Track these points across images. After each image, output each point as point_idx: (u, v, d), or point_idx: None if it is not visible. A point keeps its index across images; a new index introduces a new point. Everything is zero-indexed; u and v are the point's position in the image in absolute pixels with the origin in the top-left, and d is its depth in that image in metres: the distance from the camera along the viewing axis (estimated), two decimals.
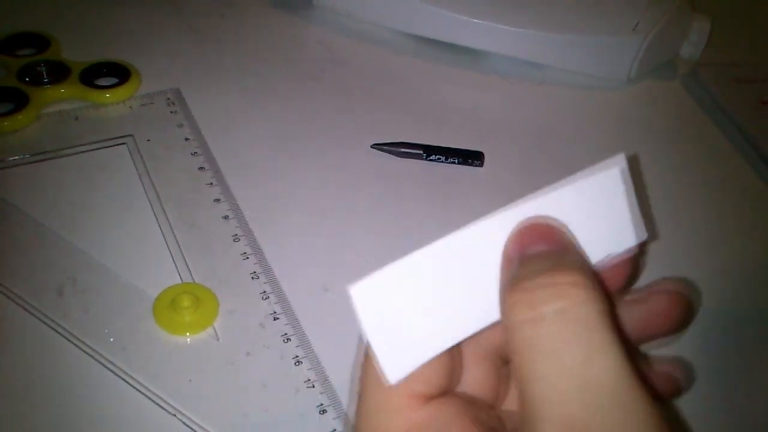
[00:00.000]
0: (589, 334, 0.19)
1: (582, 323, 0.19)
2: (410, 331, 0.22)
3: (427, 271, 0.22)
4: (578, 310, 0.19)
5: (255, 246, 0.41)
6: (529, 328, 0.19)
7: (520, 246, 0.21)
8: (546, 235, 0.21)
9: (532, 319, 0.19)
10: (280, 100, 0.52)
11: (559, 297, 0.19)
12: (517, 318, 0.20)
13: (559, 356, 0.18)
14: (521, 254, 0.21)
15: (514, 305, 0.20)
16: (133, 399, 0.34)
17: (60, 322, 0.36)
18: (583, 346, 0.18)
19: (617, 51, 0.56)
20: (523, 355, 0.19)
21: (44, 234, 0.40)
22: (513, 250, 0.21)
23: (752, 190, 0.51)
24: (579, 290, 0.19)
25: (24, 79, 0.48)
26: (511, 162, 0.50)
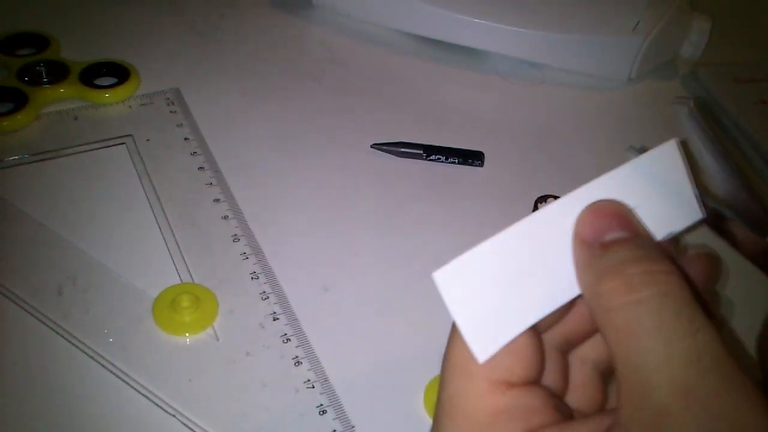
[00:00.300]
0: (690, 313, 0.21)
1: (683, 304, 0.21)
2: (492, 312, 0.23)
3: (503, 256, 0.23)
4: (678, 293, 0.21)
5: (255, 246, 0.41)
6: (632, 308, 0.21)
7: (595, 231, 0.23)
8: (620, 219, 0.23)
9: (634, 301, 0.21)
10: (279, 99, 0.52)
11: (656, 282, 0.21)
12: (617, 300, 0.21)
13: (666, 331, 0.20)
14: (598, 239, 0.23)
15: (612, 289, 0.21)
16: (133, 399, 0.34)
17: (59, 322, 0.36)
18: (686, 323, 0.20)
19: (617, 51, 0.56)
20: (625, 333, 0.21)
21: (44, 234, 0.40)
22: (590, 234, 0.23)
23: None
24: (672, 277, 0.21)
25: (23, 79, 0.48)
26: (512, 162, 0.50)
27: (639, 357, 0.20)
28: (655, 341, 0.20)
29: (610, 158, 0.52)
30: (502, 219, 0.45)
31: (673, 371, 0.20)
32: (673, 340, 0.20)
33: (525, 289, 0.23)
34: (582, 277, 0.23)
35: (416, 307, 0.40)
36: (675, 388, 0.20)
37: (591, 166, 0.50)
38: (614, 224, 0.23)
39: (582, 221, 0.23)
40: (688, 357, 0.20)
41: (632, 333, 0.21)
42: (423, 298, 0.40)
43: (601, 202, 0.24)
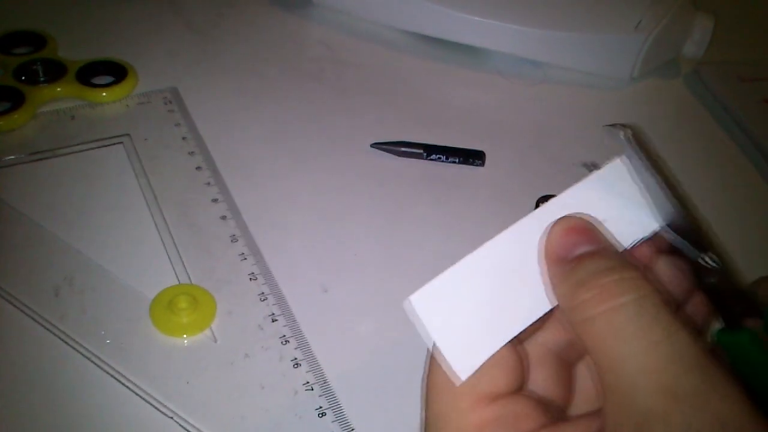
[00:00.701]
0: (666, 316, 0.21)
1: (658, 308, 0.21)
2: (469, 330, 0.24)
3: (476, 275, 0.24)
4: (653, 298, 0.22)
5: (253, 246, 0.40)
6: (609, 316, 0.22)
7: (565, 246, 0.24)
8: (587, 234, 0.24)
9: (610, 309, 0.22)
10: (279, 99, 0.51)
11: (632, 288, 0.22)
12: (594, 310, 0.22)
13: (645, 336, 0.21)
14: (569, 254, 0.24)
15: (589, 300, 0.22)
16: (130, 401, 0.33)
17: (56, 323, 0.36)
18: (664, 327, 0.21)
19: (620, 49, 0.55)
20: (605, 340, 0.21)
21: (40, 234, 0.39)
22: (559, 250, 0.24)
23: (755, 189, 0.51)
24: (647, 283, 0.22)
25: (20, 78, 0.48)
26: (512, 161, 0.49)
27: (622, 362, 0.21)
28: (636, 346, 0.21)
29: (612, 158, 0.51)
30: (502, 219, 0.45)
31: (657, 373, 0.20)
32: (654, 344, 0.21)
33: (500, 306, 0.24)
34: (556, 291, 0.24)
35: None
36: (660, 389, 0.20)
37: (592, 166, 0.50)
38: (583, 238, 0.24)
39: (551, 238, 0.24)
40: (669, 358, 0.21)
41: (613, 339, 0.21)
42: None
43: (568, 218, 0.25)
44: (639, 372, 0.21)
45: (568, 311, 0.23)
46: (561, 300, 0.24)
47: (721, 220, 0.48)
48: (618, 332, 0.21)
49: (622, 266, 0.23)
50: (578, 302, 0.22)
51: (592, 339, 0.22)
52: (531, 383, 0.25)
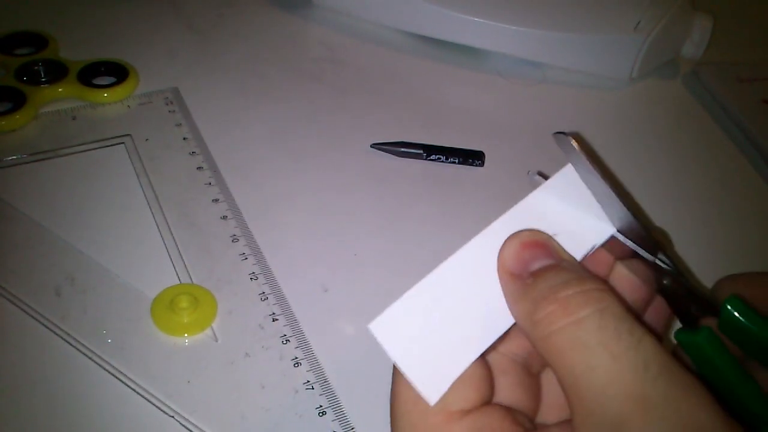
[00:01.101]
0: (629, 326, 0.21)
1: (620, 318, 0.21)
2: (434, 353, 0.24)
3: (434, 297, 0.24)
4: (614, 309, 0.22)
5: (254, 246, 0.41)
6: (571, 329, 0.22)
7: (521, 262, 0.24)
8: (542, 248, 0.24)
9: (572, 323, 0.22)
10: (279, 99, 0.52)
11: (593, 301, 0.22)
12: (555, 325, 0.22)
13: (609, 346, 0.21)
14: (526, 270, 0.24)
15: (550, 315, 0.22)
16: (131, 400, 0.33)
17: (58, 322, 0.36)
18: (627, 336, 0.21)
19: (619, 50, 0.55)
20: (569, 353, 0.21)
21: (42, 234, 0.40)
22: (516, 266, 0.24)
23: (754, 189, 0.51)
24: (606, 294, 0.22)
25: (22, 79, 0.48)
26: (512, 162, 0.49)
27: (587, 374, 0.21)
28: (601, 357, 0.21)
29: (612, 158, 0.51)
30: None
31: (625, 383, 0.20)
32: (619, 354, 0.21)
33: (463, 325, 0.24)
34: (515, 307, 0.24)
35: None
36: (629, 397, 0.20)
37: None
38: (538, 253, 0.24)
39: (506, 254, 0.24)
40: (635, 367, 0.21)
41: (576, 352, 0.21)
42: None
43: (521, 233, 0.25)
44: (606, 382, 0.21)
45: (528, 328, 0.23)
46: (520, 317, 0.24)
47: (720, 220, 0.48)
48: (581, 345, 0.21)
49: (581, 279, 0.23)
50: (538, 318, 0.22)
51: (555, 354, 0.22)
52: (498, 393, 0.25)
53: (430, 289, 0.24)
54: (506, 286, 0.24)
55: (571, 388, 0.21)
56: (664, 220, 0.47)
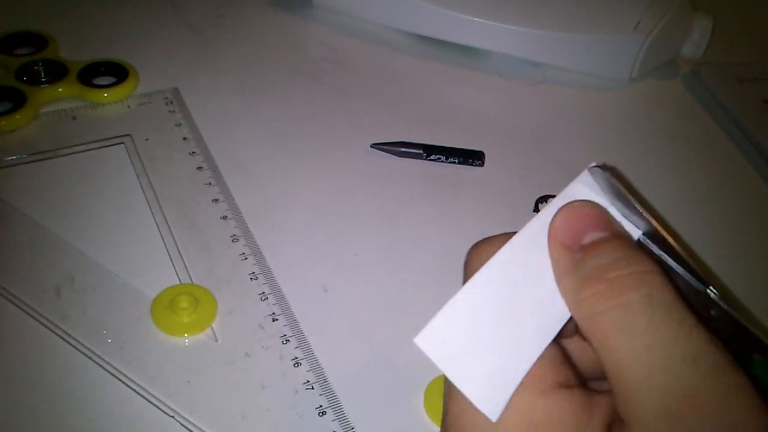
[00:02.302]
0: (679, 314, 0.20)
1: (670, 305, 0.21)
2: (490, 361, 0.22)
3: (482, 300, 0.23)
4: (662, 294, 0.21)
5: (254, 246, 0.41)
6: (618, 312, 0.21)
7: (573, 232, 0.23)
8: (597, 219, 0.23)
9: (618, 305, 0.21)
10: (279, 99, 0.52)
11: (641, 284, 0.21)
12: (601, 306, 0.21)
13: (658, 333, 0.20)
14: (577, 242, 0.23)
15: (596, 294, 0.21)
16: (131, 400, 0.33)
17: (57, 322, 0.36)
18: (676, 325, 0.20)
19: (619, 50, 0.55)
20: (614, 336, 0.21)
21: (42, 234, 0.40)
22: (567, 236, 0.23)
23: (754, 189, 0.51)
24: (656, 276, 0.21)
25: (22, 79, 0.48)
26: (512, 162, 0.49)
27: (632, 360, 0.20)
28: (647, 344, 0.20)
29: (612, 158, 0.51)
30: (502, 219, 0.45)
31: (673, 374, 0.20)
32: (667, 343, 0.20)
33: (515, 328, 0.22)
34: (562, 282, 0.23)
35: (416, 307, 0.39)
36: (677, 391, 0.20)
37: None
38: (591, 224, 0.23)
39: (557, 224, 0.23)
40: (684, 360, 0.20)
41: (622, 336, 0.20)
42: (423, 298, 0.40)
43: (576, 203, 0.23)
44: (653, 371, 0.20)
45: (573, 305, 0.22)
46: (565, 292, 0.23)
47: (719, 219, 0.48)
48: (628, 329, 0.20)
49: (631, 258, 0.22)
50: (584, 297, 0.22)
51: (598, 335, 0.21)
52: None
53: (475, 292, 0.23)
54: (555, 257, 0.23)
55: (614, 371, 0.21)
56: (664, 219, 0.47)
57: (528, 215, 0.45)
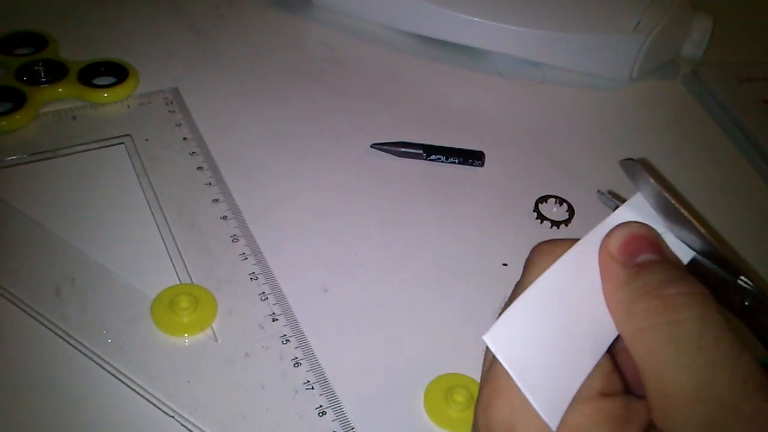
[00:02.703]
0: (730, 337, 0.21)
1: (721, 328, 0.21)
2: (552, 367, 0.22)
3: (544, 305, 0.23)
4: (716, 316, 0.22)
5: (254, 246, 0.41)
6: (670, 328, 0.21)
7: (628, 251, 0.24)
8: (651, 242, 0.24)
9: (673, 321, 0.21)
10: (279, 99, 0.52)
11: (695, 303, 0.22)
12: (653, 320, 0.22)
13: (708, 352, 0.21)
14: (631, 260, 0.23)
15: (649, 309, 0.22)
16: (131, 400, 0.33)
17: (58, 322, 0.36)
18: (727, 346, 0.21)
19: (618, 50, 0.55)
20: (662, 350, 0.21)
21: (42, 234, 0.40)
22: (622, 253, 0.24)
23: (754, 189, 0.51)
24: (710, 299, 0.22)
25: (22, 79, 0.48)
26: (512, 162, 0.49)
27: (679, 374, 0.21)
28: (697, 360, 0.21)
29: (612, 158, 0.51)
30: (502, 219, 0.45)
31: (720, 390, 0.21)
32: (716, 361, 0.21)
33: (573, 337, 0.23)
34: (612, 295, 0.23)
35: (416, 307, 0.39)
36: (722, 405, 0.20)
37: (592, 166, 0.50)
38: (646, 246, 0.24)
39: (613, 241, 0.24)
40: (733, 378, 0.21)
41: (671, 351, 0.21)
42: (423, 298, 0.40)
43: (632, 224, 0.24)
44: (700, 385, 0.21)
45: (621, 318, 0.23)
46: (614, 306, 0.23)
47: (719, 219, 0.48)
48: (679, 344, 0.21)
49: (685, 280, 0.22)
50: (636, 310, 0.22)
51: (644, 348, 0.22)
52: None
53: (541, 296, 0.23)
54: (607, 272, 0.24)
55: (656, 384, 0.21)
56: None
57: (528, 215, 0.45)
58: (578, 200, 0.46)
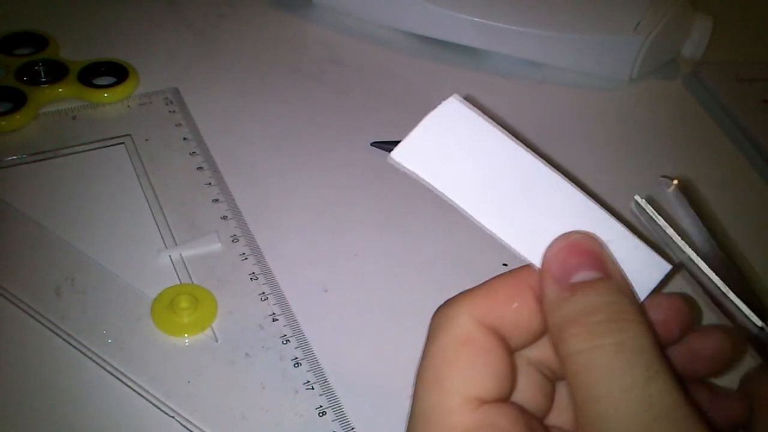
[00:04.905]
0: (646, 360, 0.21)
1: (638, 352, 0.22)
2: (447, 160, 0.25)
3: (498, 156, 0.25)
4: (634, 341, 0.22)
5: (254, 246, 0.41)
6: (590, 353, 0.22)
7: (564, 269, 0.23)
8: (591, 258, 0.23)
9: (593, 347, 0.22)
10: (279, 99, 0.52)
11: (618, 331, 0.22)
12: (578, 347, 0.22)
13: (619, 378, 0.21)
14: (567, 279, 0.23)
15: (574, 336, 0.22)
16: (132, 400, 0.33)
17: (58, 322, 0.36)
18: (641, 371, 0.21)
19: (619, 50, 0.55)
20: (584, 377, 0.22)
21: (42, 234, 0.40)
22: (558, 271, 0.23)
23: (754, 190, 0.51)
24: (633, 325, 0.22)
25: (22, 79, 0.48)
26: None
27: (596, 401, 0.21)
28: (610, 387, 0.21)
29: (611, 158, 0.51)
30: None
31: (629, 417, 0.21)
32: (627, 387, 0.21)
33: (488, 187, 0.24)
34: (547, 314, 0.24)
35: (416, 307, 0.39)
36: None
37: (592, 167, 0.50)
38: (584, 263, 0.23)
39: (551, 256, 0.24)
40: (640, 403, 0.21)
41: (591, 378, 0.22)
42: (423, 298, 0.40)
43: (575, 235, 0.24)
44: (612, 413, 0.21)
45: (555, 340, 0.23)
46: (550, 326, 0.23)
47: (720, 220, 0.48)
48: (596, 372, 0.21)
49: (614, 304, 0.22)
50: (565, 336, 0.22)
51: (571, 374, 0.22)
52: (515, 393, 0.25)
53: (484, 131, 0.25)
54: (546, 289, 0.24)
55: (580, 410, 0.22)
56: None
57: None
58: None
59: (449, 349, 0.24)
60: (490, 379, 0.23)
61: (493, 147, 0.24)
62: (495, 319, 0.24)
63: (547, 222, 0.24)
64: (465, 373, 0.23)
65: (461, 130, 0.24)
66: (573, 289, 0.23)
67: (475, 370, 0.23)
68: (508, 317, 0.24)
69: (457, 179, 0.24)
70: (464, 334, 0.24)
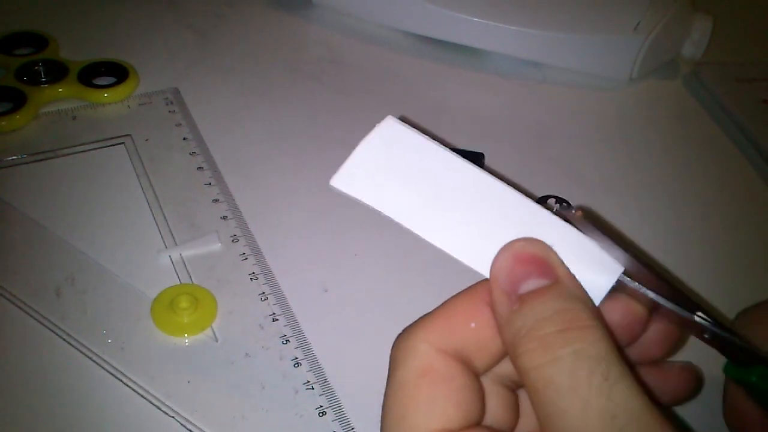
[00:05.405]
0: (604, 368, 0.21)
1: (596, 360, 0.21)
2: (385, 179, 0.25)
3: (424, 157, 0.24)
4: (591, 349, 0.21)
5: (254, 246, 0.41)
6: (547, 368, 0.21)
7: (512, 279, 0.23)
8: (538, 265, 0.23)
9: (549, 361, 0.21)
10: (279, 99, 0.52)
11: (572, 340, 0.21)
12: (533, 362, 0.21)
13: (579, 391, 0.20)
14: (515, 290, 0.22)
15: (529, 351, 0.21)
16: (131, 400, 0.33)
17: (58, 322, 0.36)
18: (601, 381, 0.20)
19: (618, 50, 0.55)
20: (543, 392, 0.21)
21: (42, 234, 0.40)
22: (506, 282, 0.23)
23: (754, 190, 0.51)
24: (588, 332, 0.21)
25: (22, 79, 0.48)
26: (512, 162, 0.49)
27: (558, 417, 0.21)
28: (571, 402, 0.20)
29: (611, 158, 0.51)
30: None
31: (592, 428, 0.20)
32: (588, 399, 0.20)
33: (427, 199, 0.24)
34: (502, 332, 0.23)
35: (416, 307, 0.39)
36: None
37: (592, 167, 0.50)
38: (531, 271, 0.23)
39: (497, 268, 0.23)
40: (603, 415, 0.20)
41: (550, 393, 0.21)
42: (423, 298, 0.40)
43: (519, 243, 0.23)
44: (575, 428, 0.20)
45: (511, 356, 0.22)
46: (505, 341, 0.23)
47: (719, 220, 0.48)
48: (555, 386, 0.21)
49: (566, 311, 0.22)
50: (519, 352, 0.22)
51: (531, 390, 0.22)
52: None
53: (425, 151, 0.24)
54: (496, 304, 0.23)
55: (544, 425, 0.21)
56: (663, 220, 0.47)
57: None
58: (578, 201, 0.46)
59: (409, 383, 0.23)
60: (454, 409, 0.23)
61: (434, 163, 0.24)
62: (456, 343, 0.23)
63: (495, 232, 0.23)
64: (427, 407, 0.22)
65: (400, 149, 0.24)
66: (521, 301, 0.22)
67: (437, 403, 0.22)
68: (469, 339, 0.24)
69: (399, 199, 0.24)
70: (424, 366, 0.23)
